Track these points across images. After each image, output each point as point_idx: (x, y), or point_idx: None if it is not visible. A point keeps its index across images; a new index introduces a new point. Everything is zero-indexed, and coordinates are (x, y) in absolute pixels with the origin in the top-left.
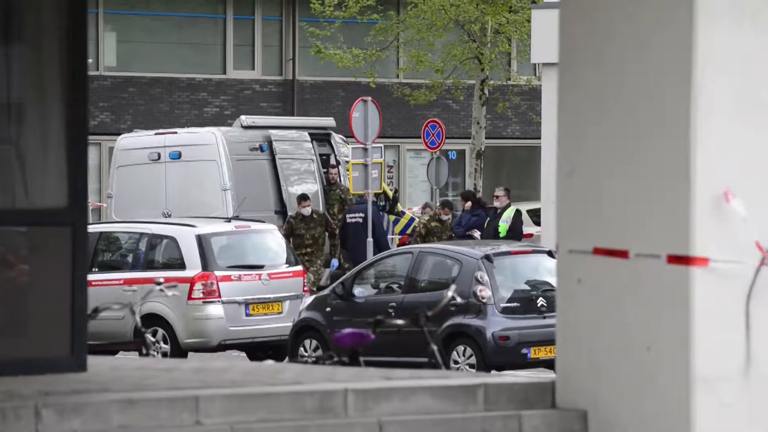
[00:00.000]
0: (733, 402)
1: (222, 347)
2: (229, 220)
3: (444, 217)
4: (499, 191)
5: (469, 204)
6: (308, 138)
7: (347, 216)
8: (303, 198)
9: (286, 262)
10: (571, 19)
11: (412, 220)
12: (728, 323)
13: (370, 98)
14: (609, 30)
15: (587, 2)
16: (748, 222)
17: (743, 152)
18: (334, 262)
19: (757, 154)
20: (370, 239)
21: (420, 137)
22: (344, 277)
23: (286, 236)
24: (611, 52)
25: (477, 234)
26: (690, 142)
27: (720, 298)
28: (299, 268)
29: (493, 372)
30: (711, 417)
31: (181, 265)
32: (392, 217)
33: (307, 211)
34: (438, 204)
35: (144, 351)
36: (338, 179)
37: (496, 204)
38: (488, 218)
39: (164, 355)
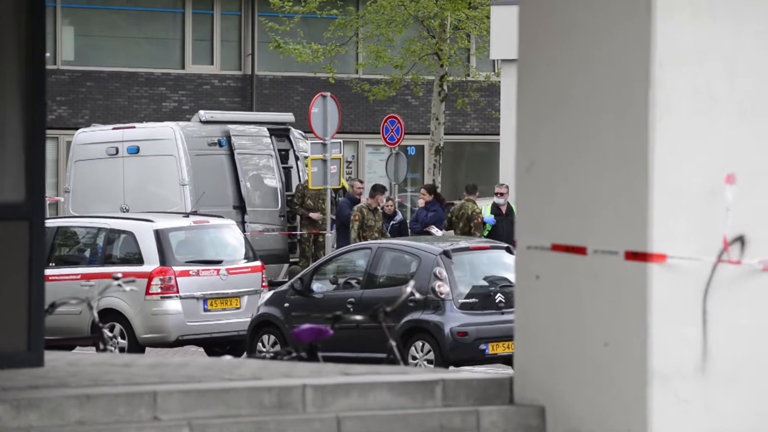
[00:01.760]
0: (690, 397)
1: (180, 342)
2: (187, 215)
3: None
4: (503, 188)
5: (422, 201)
6: (267, 133)
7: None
8: (382, 190)
9: (245, 258)
10: (530, 15)
11: None
12: (685, 320)
13: (329, 94)
14: (567, 26)
15: None
16: (730, 212)
17: (701, 148)
18: None
19: (713, 149)
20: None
21: (379, 133)
22: (302, 272)
23: (358, 228)
24: (569, 48)
25: (435, 230)
26: (648, 137)
27: (677, 295)
28: (258, 263)
29: (452, 368)
30: (667, 412)
31: (139, 260)
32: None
33: (381, 203)
34: (465, 193)
35: (101, 346)
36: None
37: (500, 200)
38: (448, 214)
39: (122, 350)
